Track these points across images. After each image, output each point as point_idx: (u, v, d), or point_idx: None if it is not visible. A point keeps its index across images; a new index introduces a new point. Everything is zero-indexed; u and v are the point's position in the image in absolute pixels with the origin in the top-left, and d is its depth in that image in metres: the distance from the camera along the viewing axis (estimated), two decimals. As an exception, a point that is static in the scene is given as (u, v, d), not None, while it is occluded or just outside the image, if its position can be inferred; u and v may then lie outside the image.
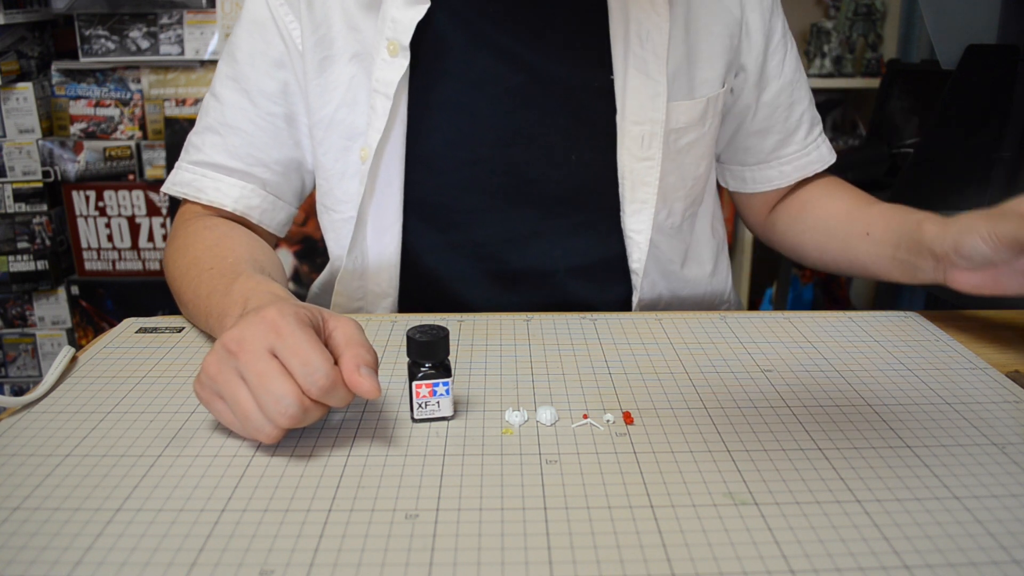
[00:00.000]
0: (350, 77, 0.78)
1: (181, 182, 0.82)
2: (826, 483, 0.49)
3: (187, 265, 0.73)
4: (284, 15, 0.79)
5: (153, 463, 0.51)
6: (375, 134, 0.77)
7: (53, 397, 0.60)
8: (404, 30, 0.75)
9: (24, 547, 0.43)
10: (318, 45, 0.78)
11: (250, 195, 0.82)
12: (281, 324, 0.51)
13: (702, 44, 0.80)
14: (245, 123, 0.81)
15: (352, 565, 0.42)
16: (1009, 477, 0.50)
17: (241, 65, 0.81)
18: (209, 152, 0.81)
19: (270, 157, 0.82)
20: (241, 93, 0.81)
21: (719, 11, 0.81)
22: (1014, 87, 1.47)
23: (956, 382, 0.63)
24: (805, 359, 0.67)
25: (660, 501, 0.47)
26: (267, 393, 0.50)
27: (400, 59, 0.75)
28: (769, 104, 0.86)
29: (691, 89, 0.81)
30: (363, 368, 0.51)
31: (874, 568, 0.42)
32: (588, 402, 0.59)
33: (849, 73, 2.25)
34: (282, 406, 0.49)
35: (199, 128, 0.83)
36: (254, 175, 0.82)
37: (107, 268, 1.95)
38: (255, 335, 0.51)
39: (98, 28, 1.82)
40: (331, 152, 0.81)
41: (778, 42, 0.85)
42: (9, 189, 1.87)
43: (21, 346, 1.99)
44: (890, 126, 1.92)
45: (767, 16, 0.83)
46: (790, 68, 0.86)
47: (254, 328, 0.52)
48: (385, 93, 0.76)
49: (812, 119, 0.89)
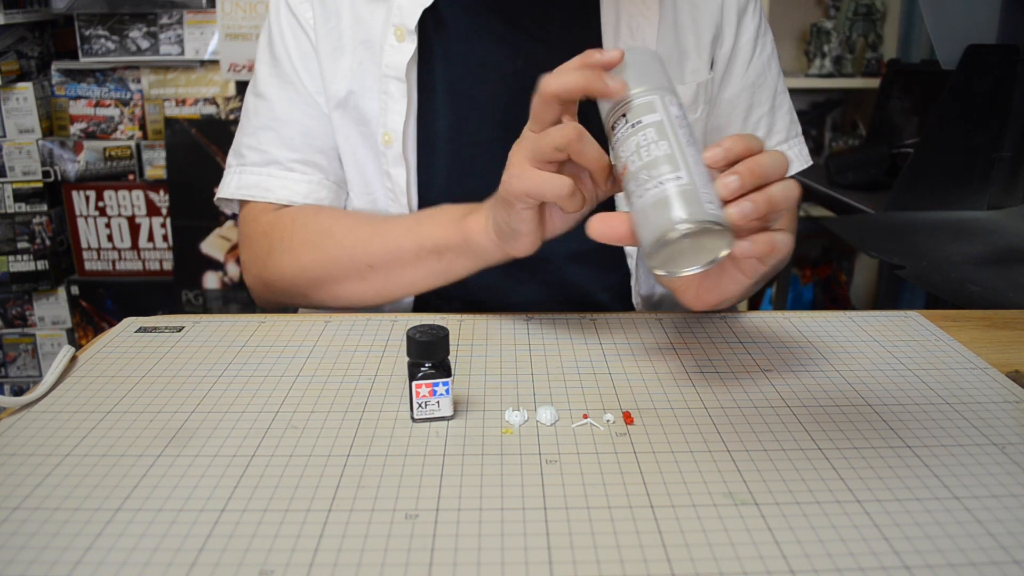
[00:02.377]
0: (358, 63, 0.80)
1: (247, 184, 0.83)
2: (826, 483, 0.49)
3: (349, 230, 0.76)
4: (304, 12, 0.82)
5: (153, 463, 0.51)
6: (396, 117, 0.79)
7: (53, 397, 0.60)
8: (410, 15, 0.77)
9: (24, 547, 0.43)
10: (329, 35, 0.81)
11: (317, 188, 0.83)
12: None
13: (689, 35, 0.83)
14: (297, 114, 0.83)
15: (352, 565, 0.42)
16: (1009, 477, 0.50)
17: (281, 62, 0.83)
18: (268, 148, 0.82)
19: (326, 144, 0.84)
20: (287, 87, 0.83)
21: (704, 5, 0.83)
22: (1014, 87, 1.47)
23: (956, 382, 0.63)
24: (805, 359, 0.67)
25: (660, 501, 0.47)
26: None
27: (407, 43, 0.78)
28: (728, 102, 0.87)
29: (682, 76, 0.83)
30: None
31: (874, 568, 0.42)
32: (588, 402, 0.59)
33: (849, 73, 2.25)
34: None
35: (248, 130, 0.84)
36: (315, 163, 0.83)
37: (107, 268, 1.95)
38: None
39: (98, 28, 1.82)
40: (351, 138, 0.83)
41: (746, 44, 0.86)
42: (9, 189, 1.87)
43: (21, 346, 1.99)
44: (890, 126, 1.92)
45: (740, 15, 0.85)
46: (755, 70, 0.87)
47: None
48: (397, 76, 0.78)
49: (771, 124, 0.89)
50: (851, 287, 2.41)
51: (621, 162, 0.57)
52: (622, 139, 0.58)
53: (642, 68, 0.60)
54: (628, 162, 0.57)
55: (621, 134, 0.58)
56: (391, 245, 0.74)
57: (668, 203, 0.53)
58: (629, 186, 0.57)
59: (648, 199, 0.54)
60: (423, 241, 0.72)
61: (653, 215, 0.54)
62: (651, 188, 0.54)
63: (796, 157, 0.90)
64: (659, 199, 0.54)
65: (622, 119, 0.58)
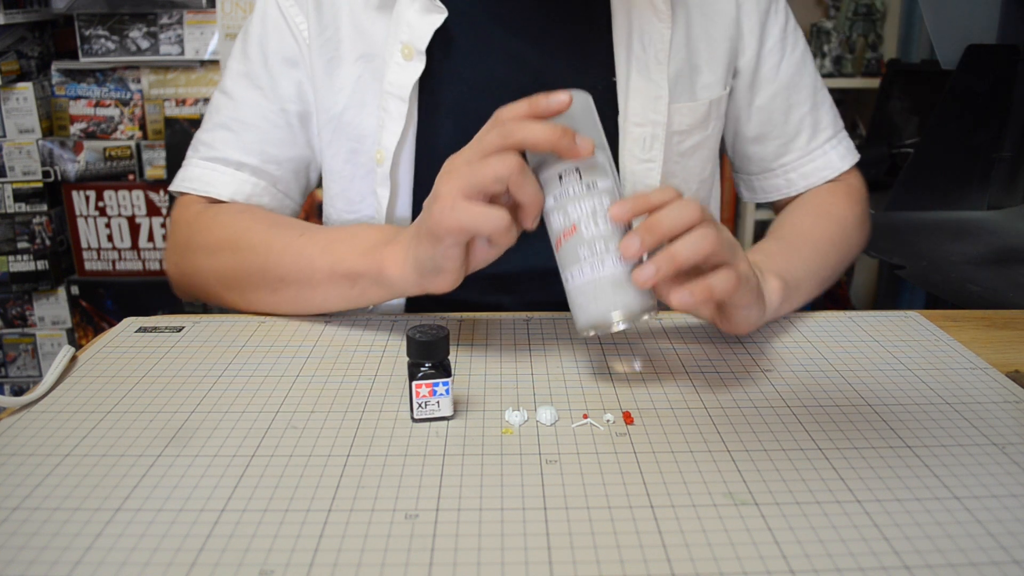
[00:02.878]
0: (356, 77, 0.78)
1: (190, 177, 0.81)
2: (826, 483, 0.49)
3: (265, 239, 0.73)
4: (295, 15, 0.80)
5: (153, 463, 0.51)
6: (391, 137, 0.77)
7: (53, 397, 0.60)
8: (420, 36, 0.75)
9: (24, 547, 0.43)
10: (325, 46, 0.79)
11: (261, 193, 0.81)
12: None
13: (702, 50, 0.81)
14: (260, 120, 0.81)
15: (352, 565, 0.42)
16: (1009, 477, 0.50)
17: (254, 63, 0.81)
18: (222, 148, 0.81)
19: (283, 155, 0.82)
20: (256, 90, 0.81)
21: (718, 17, 0.81)
22: (1014, 87, 1.47)
23: (956, 382, 0.63)
24: (805, 359, 0.67)
25: (660, 501, 0.47)
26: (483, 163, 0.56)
27: (415, 63, 0.76)
28: (763, 109, 0.85)
29: (693, 92, 0.81)
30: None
31: (874, 568, 0.42)
32: (588, 402, 0.59)
33: (849, 73, 2.25)
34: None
35: (209, 126, 0.83)
36: (267, 172, 0.82)
37: (107, 268, 1.95)
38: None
39: (98, 28, 1.82)
40: (340, 154, 0.81)
41: (774, 45, 0.84)
42: (9, 189, 1.87)
43: (21, 346, 1.99)
44: (890, 126, 1.92)
45: (762, 19, 0.83)
46: (787, 71, 0.85)
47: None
48: (400, 96, 0.76)
49: (815, 123, 0.87)
50: (851, 287, 2.41)
51: (570, 220, 0.57)
52: (575, 197, 0.57)
53: (589, 118, 0.59)
54: (581, 225, 0.57)
55: (573, 191, 0.57)
56: (303, 263, 0.70)
57: (621, 286, 0.56)
58: (581, 251, 0.57)
59: (605, 274, 0.57)
60: (336, 265, 0.69)
61: (604, 294, 0.57)
62: (608, 263, 0.56)
63: (845, 153, 0.88)
64: (615, 280, 0.57)
65: (575, 174, 0.57)
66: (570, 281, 0.58)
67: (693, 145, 0.82)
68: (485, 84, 0.78)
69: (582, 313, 0.58)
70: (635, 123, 0.79)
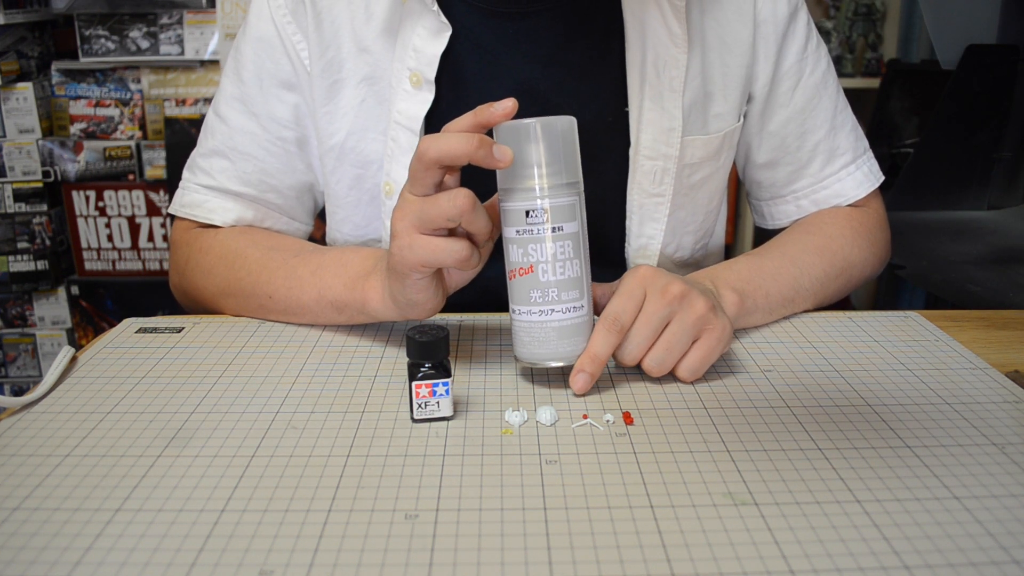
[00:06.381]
0: (360, 101, 0.76)
1: (191, 203, 0.80)
2: (826, 483, 0.49)
3: (260, 260, 0.73)
4: (292, 34, 0.77)
5: (153, 463, 0.51)
6: (401, 170, 0.75)
7: (53, 397, 0.60)
8: (428, 62, 0.73)
9: (24, 547, 0.43)
10: (327, 69, 0.76)
11: (263, 218, 0.81)
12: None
13: (717, 78, 0.78)
14: (255, 149, 0.79)
15: (352, 565, 0.42)
16: (1009, 477, 0.50)
17: (248, 87, 0.78)
18: (219, 178, 0.79)
19: (283, 183, 0.80)
20: (249, 116, 0.79)
21: (735, 44, 0.78)
22: (1014, 87, 1.47)
23: (956, 382, 0.63)
24: (805, 359, 0.67)
25: (660, 501, 0.47)
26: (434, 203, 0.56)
27: (425, 92, 0.74)
28: (775, 134, 0.82)
29: (705, 123, 0.79)
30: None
31: (874, 568, 0.42)
32: (588, 402, 0.59)
33: (849, 73, 2.25)
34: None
35: (205, 150, 0.81)
36: (267, 200, 0.80)
37: (107, 268, 1.95)
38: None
39: (98, 28, 1.82)
40: (345, 180, 0.80)
41: (790, 68, 0.80)
42: (9, 189, 1.86)
43: (21, 346, 1.99)
44: (890, 126, 1.92)
45: (779, 42, 0.79)
46: (804, 95, 0.81)
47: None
48: (410, 128, 0.74)
49: (832, 149, 0.82)
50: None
51: (529, 260, 0.58)
52: (537, 238, 0.57)
53: (568, 148, 0.58)
54: (539, 269, 0.58)
55: (537, 231, 0.57)
56: (293, 284, 0.71)
57: (565, 337, 0.59)
58: (533, 294, 0.58)
59: (552, 323, 0.59)
60: (323, 292, 0.69)
61: (548, 341, 0.59)
62: (558, 311, 0.58)
63: (867, 175, 0.84)
64: (561, 331, 0.59)
65: (544, 214, 0.57)
66: (516, 315, 0.60)
67: (703, 177, 0.80)
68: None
69: (524, 349, 0.60)
70: (646, 156, 0.77)
